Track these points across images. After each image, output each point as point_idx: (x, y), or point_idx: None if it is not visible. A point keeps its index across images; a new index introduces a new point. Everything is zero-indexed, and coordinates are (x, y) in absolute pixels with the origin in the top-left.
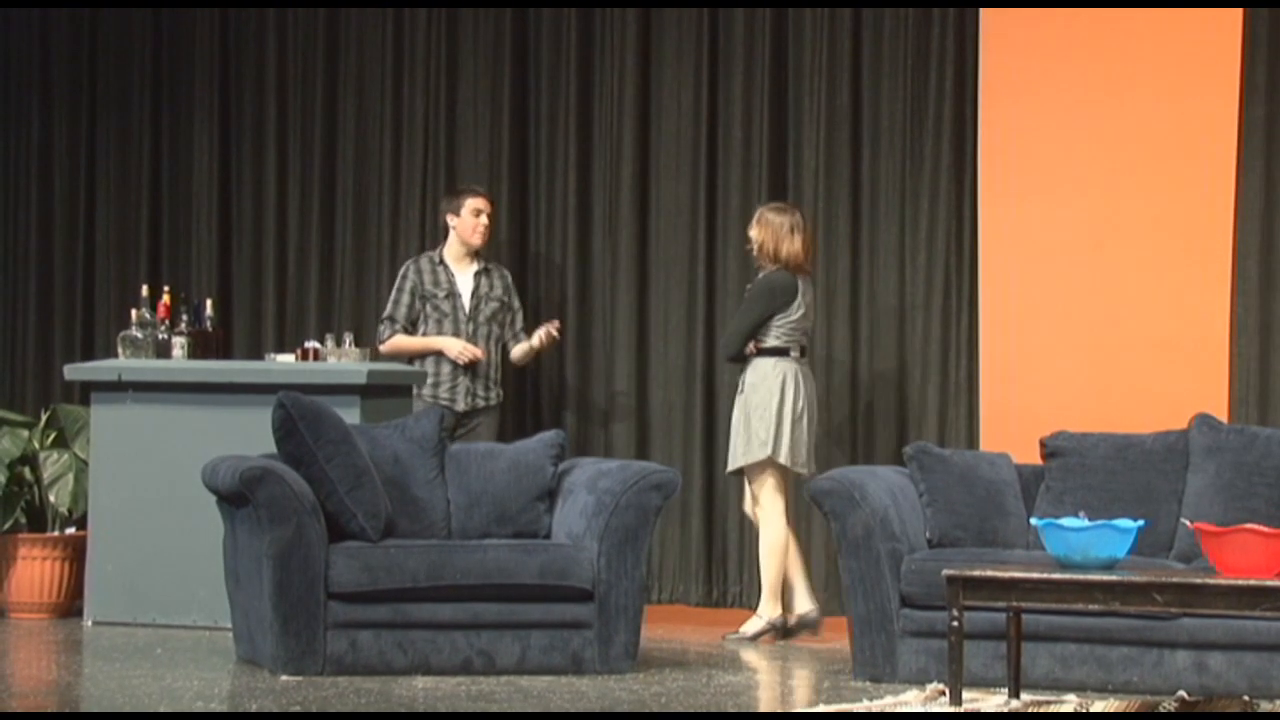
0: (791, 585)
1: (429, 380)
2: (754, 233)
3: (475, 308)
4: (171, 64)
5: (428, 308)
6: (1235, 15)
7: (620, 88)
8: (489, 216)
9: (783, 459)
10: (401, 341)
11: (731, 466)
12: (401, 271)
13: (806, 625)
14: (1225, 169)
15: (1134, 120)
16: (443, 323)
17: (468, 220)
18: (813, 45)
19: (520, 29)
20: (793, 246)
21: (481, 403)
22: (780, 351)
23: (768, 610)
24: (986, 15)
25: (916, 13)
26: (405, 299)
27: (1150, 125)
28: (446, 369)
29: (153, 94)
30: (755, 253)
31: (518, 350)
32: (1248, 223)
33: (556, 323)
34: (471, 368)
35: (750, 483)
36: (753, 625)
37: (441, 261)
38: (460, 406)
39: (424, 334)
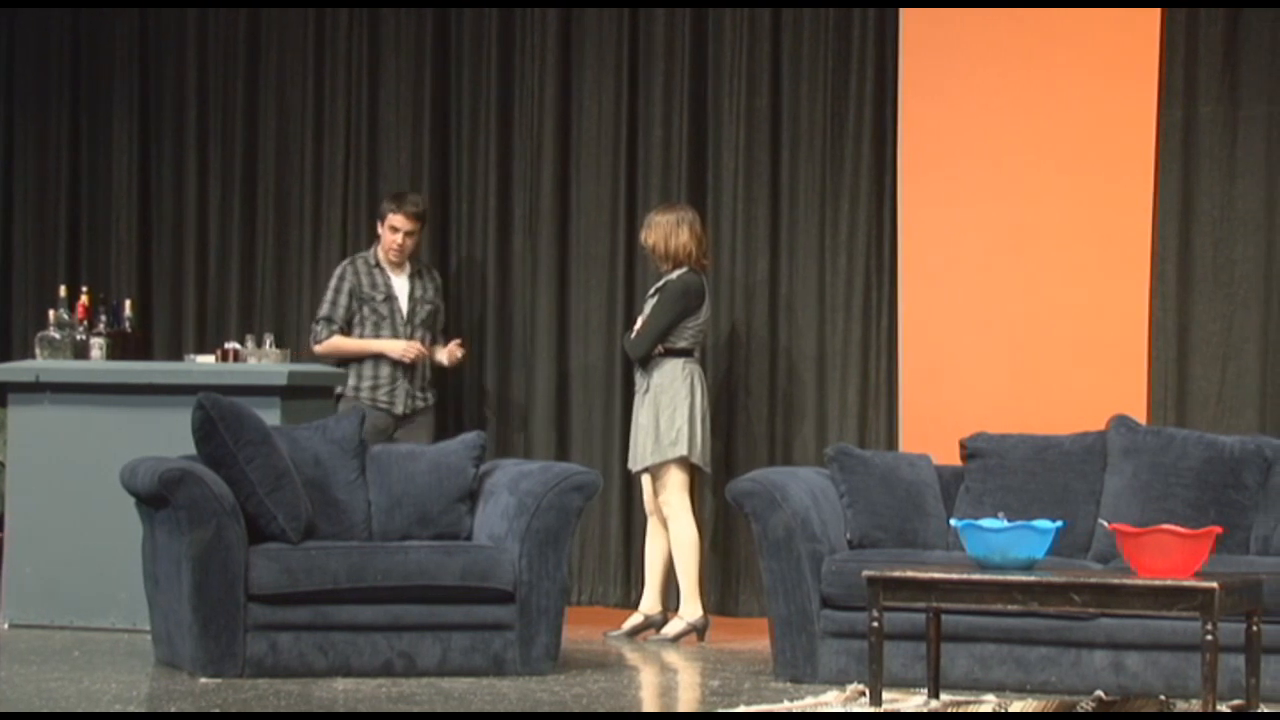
0: (645, 582)
1: (367, 383)
2: (645, 238)
3: (412, 311)
4: (90, 62)
5: (364, 310)
6: (1154, 17)
7: (541, 88)
8: (408, 235)
9: (695, 458)
10: (340, 342)
11: (639, 465)
12: (338, 272)
13: (651, 624)
14: (1144, 172)
15: (1053, 122)
16: (380, 326)
17: (386, 235)
18: (733, 46)
19: (441, 29)
20: (679, 239)
21: (421, 404)
22: (687, 353)
23: (689, 611)
24: (907, 16)
25: (836, 13)
26: (343, 300)
27: (1069, 127)
28: (385, 371)
29: (71, 92)
30: (651, 256)
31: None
32: (1166, 225)
33: (458, 340)
34: (409, 370)
35: (655, 480)
36: (674, 626)
37: (377, 264)
38: (399, 409)
39: (360, 336)
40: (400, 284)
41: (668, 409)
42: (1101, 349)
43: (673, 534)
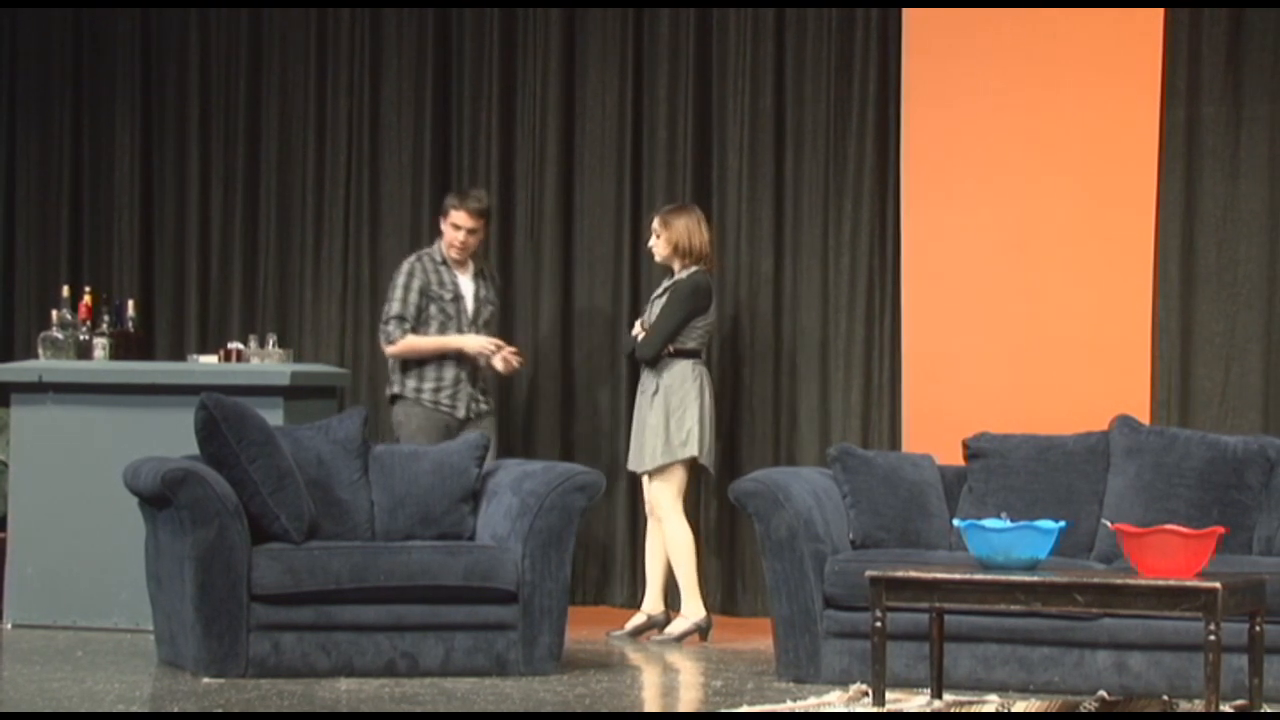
0: (647, 582)
1: (429, 385)
2: (662, 238)
3: (477, 311)
4: (93, 63)
5: (432, 308)
6: (1157, 17)
7: (544, 88)
8: (471, 233)
9: (704, 458)
10: (416, 341)
11: (648, 466)
12: (405, 269)
13: (654, 624)
14: (1147, 172)
15: (1056, 122)
16: (447, 325)
17: (449, 232)
18: (737, 46)
19: (443, 29)
20: (701, 236)
21: (484, 407)
22: (695, 353)
23: (691, 610)
24: (909, 16)
25: (839, 14)
26: (414, 297)
27: (1072, 127)
28: (449, 374)
29: (74, 93)
30: (668, 255)
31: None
32: (1169, 225)
33: (514, 349)
34: (472, 372)
35: (653, 480)
36: (677, 626)
37: (443, 261)
38: (461, 413)
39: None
40: (466, 283)
41: (678, 410)
42: (1104, 349)
43: (667, 535)
